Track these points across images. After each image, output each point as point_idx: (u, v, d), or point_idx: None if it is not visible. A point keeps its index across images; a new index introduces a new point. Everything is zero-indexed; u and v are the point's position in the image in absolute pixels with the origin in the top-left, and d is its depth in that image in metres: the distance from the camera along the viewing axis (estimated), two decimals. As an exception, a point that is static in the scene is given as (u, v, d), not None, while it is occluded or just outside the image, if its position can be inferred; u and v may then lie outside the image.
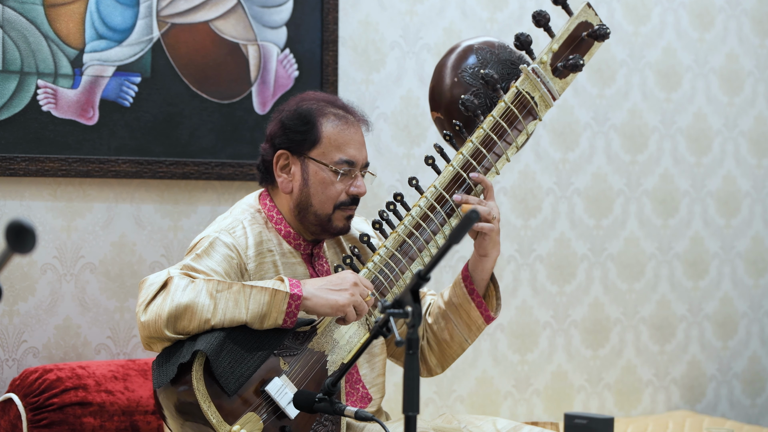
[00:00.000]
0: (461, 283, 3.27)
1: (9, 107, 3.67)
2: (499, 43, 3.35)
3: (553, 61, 3.24)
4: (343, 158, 3.17)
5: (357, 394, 3.23)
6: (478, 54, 3.31)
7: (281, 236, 3.20)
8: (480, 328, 3.29)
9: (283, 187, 3.20)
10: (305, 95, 3.29)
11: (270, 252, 3.17)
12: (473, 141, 3.21)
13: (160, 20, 3.88)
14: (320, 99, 3.25)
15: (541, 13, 3.20)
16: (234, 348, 2.94)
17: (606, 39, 3.23)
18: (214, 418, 2.89)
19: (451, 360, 3.35)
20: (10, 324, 3.70)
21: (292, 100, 3.27)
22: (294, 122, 3.19)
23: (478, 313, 3.26)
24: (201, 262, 3.06)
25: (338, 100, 3.26)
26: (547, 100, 3.25)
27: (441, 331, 3.30)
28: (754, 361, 5.26)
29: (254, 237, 3.15)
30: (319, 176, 3.17)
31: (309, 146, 3.17)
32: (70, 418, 3.50)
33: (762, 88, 5.21)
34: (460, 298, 3.27)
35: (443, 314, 3.30)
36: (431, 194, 3.20)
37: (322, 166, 3.17)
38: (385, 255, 3.17)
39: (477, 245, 3.24)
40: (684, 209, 5.05)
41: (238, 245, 3.12)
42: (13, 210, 3.70)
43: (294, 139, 3.18)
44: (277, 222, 3.21)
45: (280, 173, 3.20)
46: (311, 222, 3.19)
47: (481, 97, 3.27)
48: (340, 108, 3.23)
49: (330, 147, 3.17)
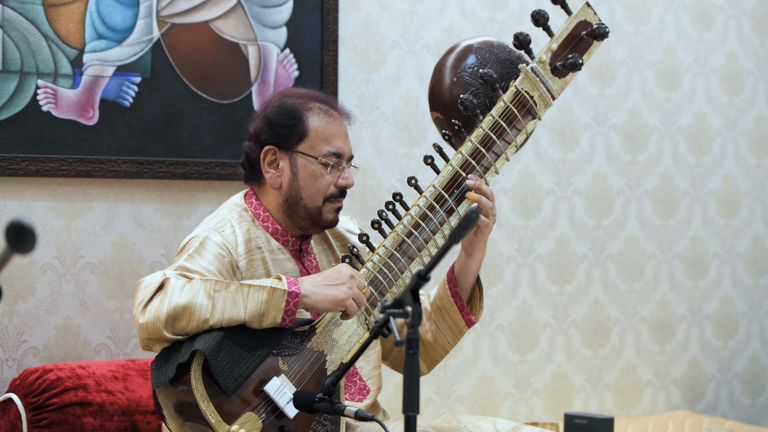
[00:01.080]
0: (446, 285, 3.28)
1: (9, 107, 3.67)
2: (498, 42, 3.35)
3: (552, 61, 3.24)
4: (331, 150, 3.18)
5: (354, 386, 3.24)
6: (478, 54, 3.30)
7: (269, 233, 3.21)
8: (462, 332, 3.30)
9: (271, 182, 3.20)
10: (287, 91, 3.30)
11: (259, 249, 3.17)
12: (472, 140, 3.21)
13: (160, 20, 3.88)
14: (303, 95, 3.25)
15: (540, 13, 3.20)
16: (233, 348, 2.94)
17: (605, 38, 3.23)
18: (213, 418, 2.89)
19: (435, 362, 3.36)
20: (10, 324, 3.70)
21: (275, 97, 3.28)
22: (280, 117, 3.20)
23: (460, 317, 3.27)
24: (194, 262, 3.06)
25: (320, 95, 3.28)
26: (547, 100, 3.25)
27: (425, 332, 3.31)
28: (754, 361, 5.26)
29: (243, 235, 3.16)
30: (308, 169, 3.18)
31: (296, 140, 3.18)
32: (70, 418, 3.50)
33: (762, 88, 5.21)
34: (444, 301, 3.28)
35: (428, 316, 3.31)
36: (430, 194, 3.20)
37: (311, 159, 3.18)
38: (384, 255, 3.17)
39: (466, 243, 3.24)
40: (684, 209, 5.05)
41: (228, 243, 3.12)
42: (13, 210, 3.70)
43: (281, 134, 3.19)
44: (264, 219, 3.22)
45: (268, 169, 3.20)
46: (301, 216, 3.20)
47: (480, 97, 3.26)
48: (323, 102, 3.24)
49: (317, 140, 3.18)
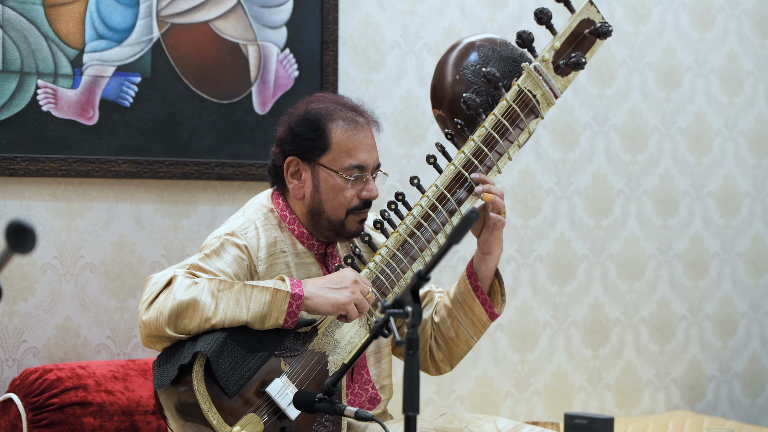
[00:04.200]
0: (466, 279, 3.25)
1: (9, 107, 3.67)
2: (501, 39, 3.33)
3: (555, 59, 3.23)
4: (353, 164, 3.13)
5: (366, 395, 3.22)
6: (480, 51, 3.29)
7: (295, 236, 3.18)
8: (485, 325, 3.27)
9: (294, 193, 3.17)
10: (313, 98, 3.23)
11: (283, 253, 3.15)
12: (475, 140, 3.19)
13: (160, 20, 3.87)
14: (329, 101, 3.19)
15: (543, 11, 3.19)
16: (235, 349, 2.94)
17: (608, 36, 3.22)
18: (215, 419, 2.88)
19: (458, 358, 3.33)
20: (10, 324, 3.70)
21: (301, 104, 3.21)
22: (303, 128, 3.14)
23: (482, 310, 3.24)
24: (209, 263, 3.04)
25: (348, 102, 3.21)
26: (549, 98, 3.24)
27: (447, 330, 3.28)
28: (754, 361, 5.26)
29: (267, 238, 3.13)
30: (329, 183, 3.13)
31: (318, 153, 3.13)
32: (70, 418, 3.50)
33: (762, 88, 5.20)
34: (464, 295, 3.25)
35: (449, 312, 3.28)
36: (433, 193, 3.18)
37: (333, 173, 3.13)
38: (386, 255, 3.16)
39: (482, 242, 3.22)
40: (684, 209, 5.05)
41: (250, 246, 3.10)
42: (13, 210, 3.70)
43: (303, 146, 3.14)
44: (290, 222, 3.19)
45: (291, 179, 3.17)
46: (324, 227, 3.17)
47: (482, 95, 3.25)
48: (350, 110, 3.18)
49: (340, 153, 3.13)
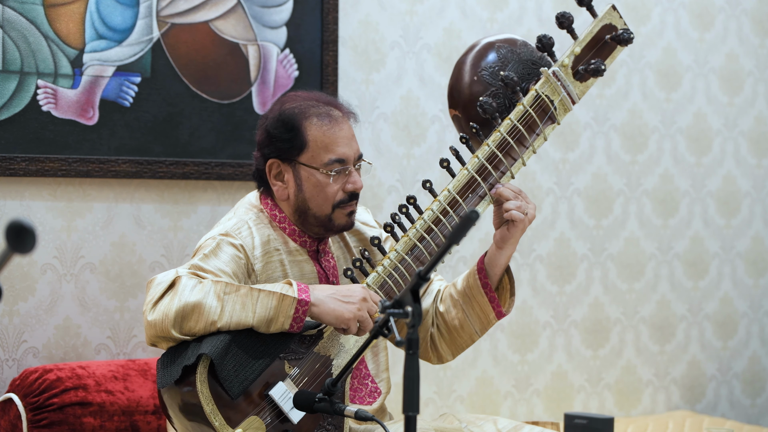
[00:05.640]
0: (476, 275, 3.22)
1: (9, 107, 3.67)
2: (521, 41, 3.28)
3: (574, 64, 3.18)
4: (333, 158, 3.13)
5: (366, 389, 3.23)
6: (499, 51, 3.24)
7: (286, 235, 3.18)
8: (491, 322, 3.24)
9: (279, 195, 3.17)
10: (286, 98, 3.24)
11: (277, 251, 3.15)
12: (489, 144, 3.14)
13: (160, 20, 3.87)
14: (302, 98, 3.19)
15: (565, 15, 3.14)
16: (239, 352, 2.93)
17: (629, 44, 3.15)
18: (217, 420, 2.88)
19: (461, 348, 3.30)
20: (10, 324, 3.70)
21: (275, 106, 3.22)
22: (278, 130, 3.14)
23: (490, 308, 3.22)
24: (209, 263, 3.04)
25: (321, 96, 3.21)
26: (567, 104, 3.19)
27: (452, 319, 3.25)
28: (754, 361, 5.26)
29: (260, 237, 3.14)
30: (311, 180, 3.13)
31: (297, 152, 3.13)
32: (70, 418, 3.50)
33: (762, 88, 5.20)
34: (473, 290, 3.22)
35: (455, 302, 3.25)
36: (444, 198, 3.15)
37: (313, 171, 3.13)
38: (395, 259, 3.13)
39: (499, 237, 3.17)
40: (684, 209, 5.05)
41: (246, 246, 3.10)
42: (13, 210, 3.70)
43: (281, 148, 3.14)
44: (281, 221, 3.19)
45: (274, 182, 3.17)
46: (313, 224, 3.17)
47: (499, 98, 3.20)
48: (324, 104, 3.18)
49: (318, 149, 3.12)
